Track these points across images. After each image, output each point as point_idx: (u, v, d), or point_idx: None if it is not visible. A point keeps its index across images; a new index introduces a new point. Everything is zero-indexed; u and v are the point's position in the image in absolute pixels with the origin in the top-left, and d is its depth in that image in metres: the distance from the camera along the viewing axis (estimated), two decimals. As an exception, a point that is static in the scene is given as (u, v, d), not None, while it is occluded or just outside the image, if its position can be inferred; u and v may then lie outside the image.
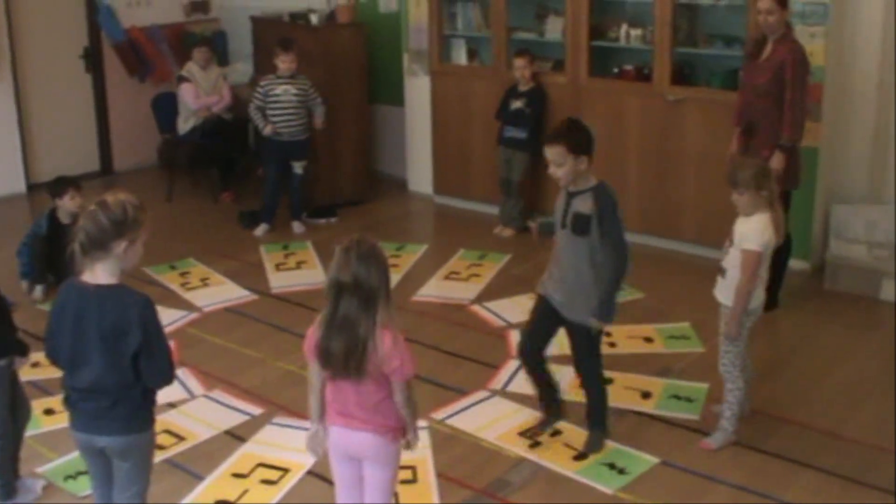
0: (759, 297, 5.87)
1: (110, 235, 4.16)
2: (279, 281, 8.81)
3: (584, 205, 5.50)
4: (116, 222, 4.17)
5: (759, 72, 7.55)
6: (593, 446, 5.99)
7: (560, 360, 7.12)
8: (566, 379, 6.82)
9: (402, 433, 4.51)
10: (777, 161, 7.32)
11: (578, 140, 5.42)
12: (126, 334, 4.17)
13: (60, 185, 8.21)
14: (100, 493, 4.67)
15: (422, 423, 6.21)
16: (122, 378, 4.24)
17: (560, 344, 7.36)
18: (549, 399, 6.24)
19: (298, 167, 10.04)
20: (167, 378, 4.39)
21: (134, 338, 4.18)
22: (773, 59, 7.48)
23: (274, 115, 9.85)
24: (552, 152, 5.45)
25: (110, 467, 4.53)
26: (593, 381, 6.02)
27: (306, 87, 9.93)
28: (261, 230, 10.03)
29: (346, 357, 4.21)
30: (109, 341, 4.18)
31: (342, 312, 4.19)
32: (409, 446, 4.60)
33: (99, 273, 4.21)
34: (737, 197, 5.77)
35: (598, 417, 6.05)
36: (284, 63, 9.80)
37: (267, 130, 9.89)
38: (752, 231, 5.73)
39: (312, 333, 4.34)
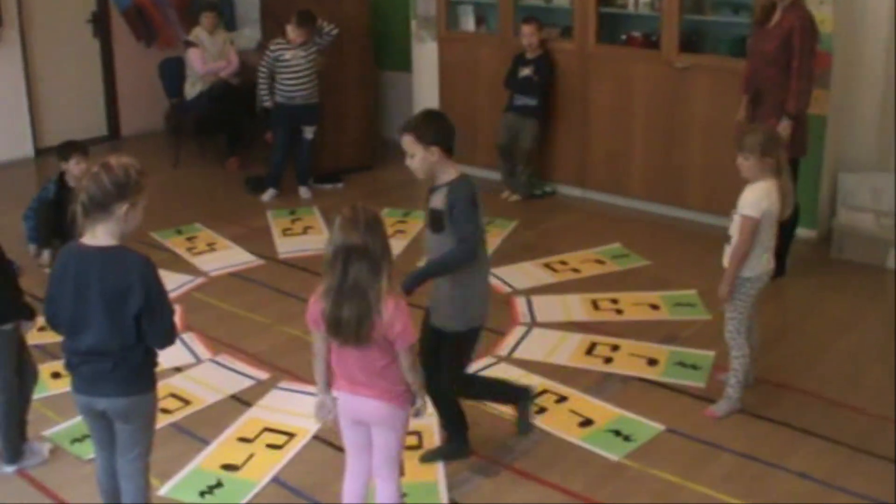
0: (762, 264, 5.84)
1: (112, 197, 4.16)
2: (286, 246, 8.81)
3: (438, 200, 5.25)
4: (119, 184, 4.17)
5: (767, 39, 7.53)
6: (436, 456, 5.67)
7: (567, 326, 7.16)
8: (572, 346, 6.85)
9: (409, 398, 4.54)
10: (783, 129, 7.31)
11: (427, 130, 5.15)
12: (128, 295, 4.18)
13: (66, 149, 8.18)
14: (102, 456, 4.68)
15: (428, 388, 6.25)
16: (124, 339, 4.25)
17: (566, 311, 7.40)
18: (452, 430, 5.71)
19: (309, 132, 10.02)
20: (170, 338, 4.40)
21: (136, 298, 4.18)
22: (781, 27, 7.46)
23: (284, 80, 9.83)
24: (403, 142, 5.20)
25: (112, 430, 4.53)
26: (445, 390, 5.54)
27: (316, 45, 9.91)
28: (268, 195, 10.03)
29: (358, 324, 4.22)
30: (111, 303, 4.19)
31: (352, 278, 4.18)
32: (417, 414, 4.63)
33: (100, 235, 4.21)
34: (741, 161, 5.76)
35: (452, 429, 5.68)
36: (293, 34, 9.75)
37: (267, 104, 9.91)
38: (752, 197, 5.74)
39: (315, 303, 4.34)
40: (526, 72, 9.67)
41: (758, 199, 5.70)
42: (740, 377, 5.99)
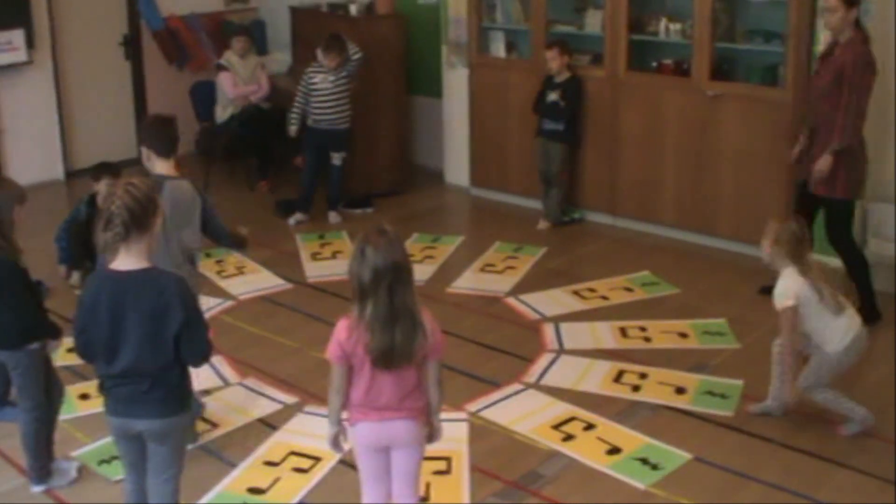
0: (840, 335, 5.89)
1: (149, 210, 4.22)
2: (315, 270, 8.81)
3: None
4: (150, 197, 4.23)
5: (824, 73, 7.44)
6: None
7: (595, 354, 7.14)
8: (601, 373, 6.82)
9: (427, 415, 4.51)
10: (823, 163, 7.25)
11: (142, 131, 5.86)
12: (167, 315, 4.22)
13: (99, 171, 8.23)
14: (132, 478, 4.70)
15: (460, 415, 6.27)
16: (162, 360, 4.29)
17: (595, 338, 7.37)
18: None
19: (337, 158, 10.03)
20: (207, 354, 4.45)
21: (176, 317, 4.22)
22: (836, 61, 7.34)
23: (313, 104, 9.88)
24: None
25: (144, 452, 4.55)
26: None
27: (346, 71, 9.93)
28: (294, 219, 10.03)
29: (410, 345, 4.21)
30: (151, 324, 4.22)
31: (399, 300, 4.17)
32: (430, 439, 4.60)
33: (136, 256, 4.23)
34: (763, 245, 6.00)
35: None
36: (323, 59, 9.80)
37: (290, 131, 10.03)
38: (779, 288, 5.91)
39: (349, 338, 4.29)
40: (553, 96, 9.64)
41: (785, 287, 5.86)
42: (840, 403, 6.07)
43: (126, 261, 4.23)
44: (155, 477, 4.57)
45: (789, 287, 5.82)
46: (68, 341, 5.61)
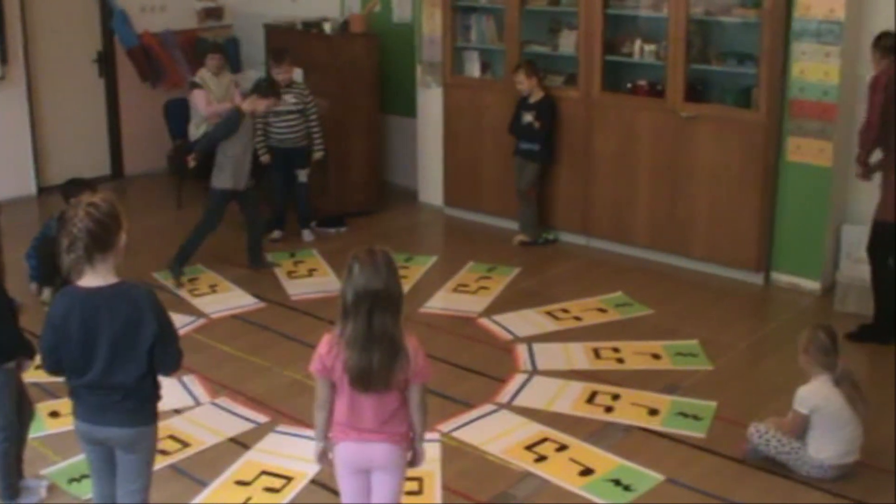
0: (828, 453, 5.84)
1: (112, 230, 4.21)
2: (287, 289, 8.79)
3: None
4: (113, 215, 4.22)
5: None
6: None
7: (568, 374, 7.13)
8: (573, 394, 6.82)
9: (409, 440, 4.51)
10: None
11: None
12: (140, 327, 4.22)
13: (76, 187, 8.11)
14: (99, 488, 4.66)
15: (433, 435, 6.22)
16: (136, 372, 4.28)
17: (568, 359, 7.36)
18: None
19: (302, 175, 10.01)
20: (180, 362, 4.44)
21: (150, 328, 4.23)
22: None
23: (276, 125, 9.91)
24: None
25: (111, 459, 4.53)
26: None
27: (304, 94, 9.96)
28: (272, 237, 9.99)
29: (389, 369, 4.21)
30: (124, 338, 4.22)
31: (378, 326, 4.17)
32: (413, 463, 4.59)
33: (101, 274, 4.22)
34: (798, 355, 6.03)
35: None
36: (279, 75, 9.83)
37: (263, 159, 9.99)
38: (801, 392, 5.90)
39: (329, 353, 4.29)
40: (528, 118, 9.64)
41: (804, 396, 5.87)
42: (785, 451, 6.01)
43: (93, 279, 4.22)
44: (123, 487, 4.54)
45: (811, 397, 5.83)
46: (38, 358, 5.59)
